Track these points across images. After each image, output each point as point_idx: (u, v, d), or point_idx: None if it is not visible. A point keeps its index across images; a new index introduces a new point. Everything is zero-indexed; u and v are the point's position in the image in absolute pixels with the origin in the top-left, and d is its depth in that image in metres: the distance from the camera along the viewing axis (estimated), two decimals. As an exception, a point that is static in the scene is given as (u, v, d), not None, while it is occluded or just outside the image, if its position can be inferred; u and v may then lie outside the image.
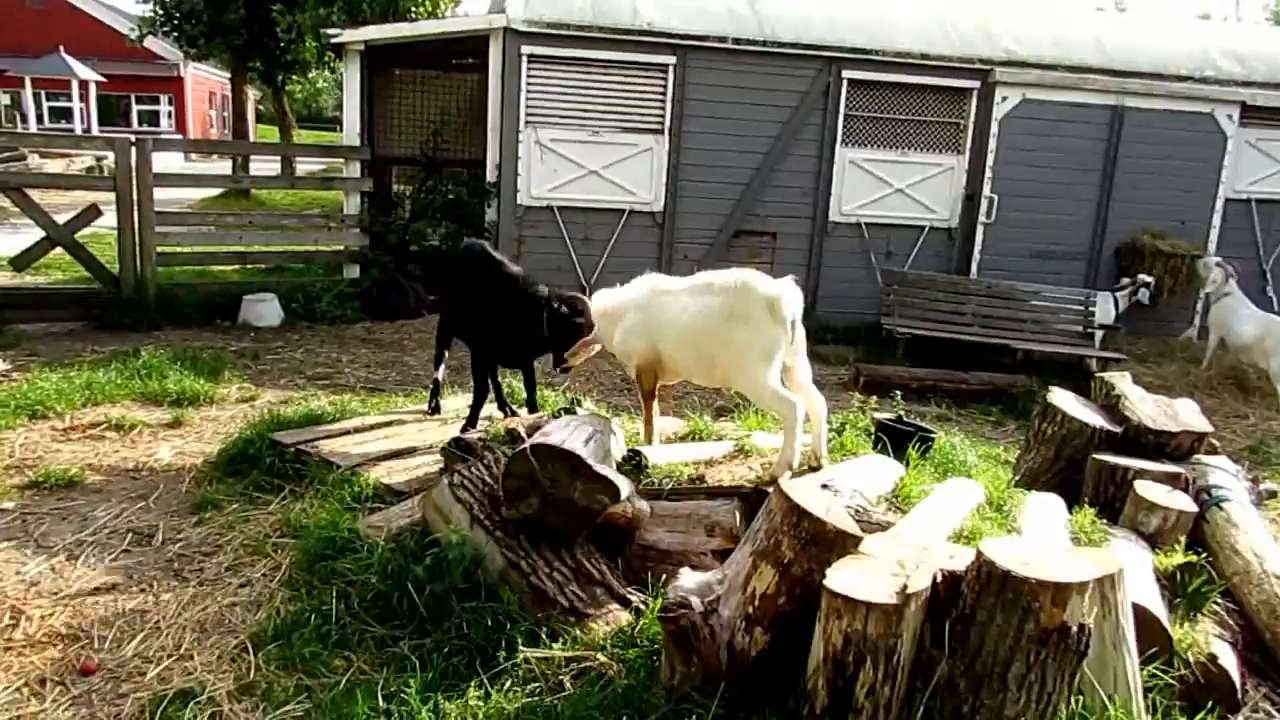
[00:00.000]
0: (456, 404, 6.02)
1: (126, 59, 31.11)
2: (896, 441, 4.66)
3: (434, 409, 5.82)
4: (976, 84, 10.74)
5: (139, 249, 9.13)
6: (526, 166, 10.31)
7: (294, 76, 25.69)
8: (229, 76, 26.42)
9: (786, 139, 10.64)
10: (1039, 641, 2.48)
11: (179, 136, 32.42)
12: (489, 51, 10.12)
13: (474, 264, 5.38)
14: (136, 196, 9.05)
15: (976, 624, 2.54)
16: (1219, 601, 3.45)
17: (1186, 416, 4.61)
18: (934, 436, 4.89)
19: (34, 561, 3.94)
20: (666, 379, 4.72)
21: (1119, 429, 4.52)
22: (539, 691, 2.92)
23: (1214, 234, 11.26)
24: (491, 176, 10.36)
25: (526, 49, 10.02)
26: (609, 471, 3.43)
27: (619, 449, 4.13)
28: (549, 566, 3.34)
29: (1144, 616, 2.96)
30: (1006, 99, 10.72)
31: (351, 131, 10.48)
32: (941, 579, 2.69)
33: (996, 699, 2.51)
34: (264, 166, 25.30)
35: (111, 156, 9.47)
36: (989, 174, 10.86)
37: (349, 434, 5.18)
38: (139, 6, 22.28)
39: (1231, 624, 3.41)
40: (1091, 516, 3.85)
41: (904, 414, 5.29)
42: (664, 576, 3.26)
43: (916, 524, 3.44)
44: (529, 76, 10.12)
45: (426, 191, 10.82)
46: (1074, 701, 2.59)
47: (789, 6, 10.78)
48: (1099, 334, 10.24)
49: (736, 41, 10.35)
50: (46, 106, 31.79)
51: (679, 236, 10.70)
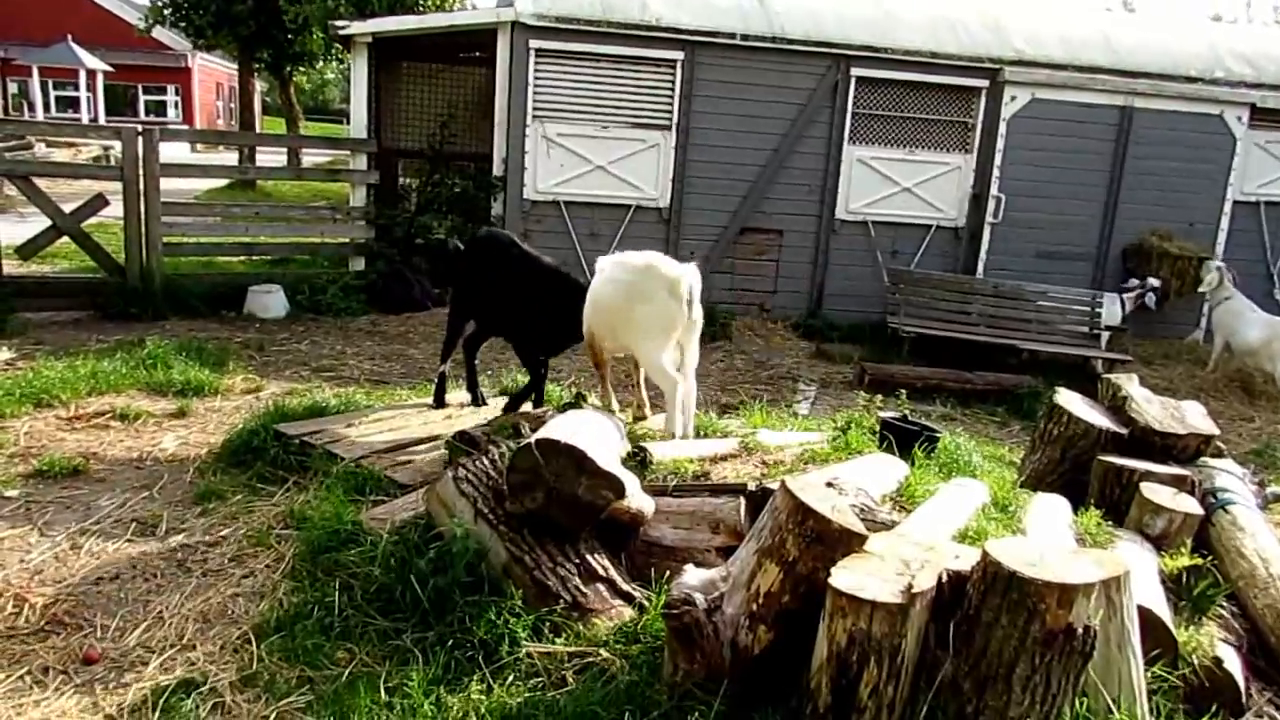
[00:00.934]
0: (461, 396, 6.01)
1: (134, 49, 31.14)
2: (901, 441, 4.65)
3: (439, 403, 5.81)
4: (985, 83, 10.72)
5: (145, 239, 9.14)
6: (533, 160, 10.30)
7: (301, 68, 25.71)
8: (236, 67, 26.44)
9: (794, 136, 10.63)
10: (1044, 643, 2.47)
11: (186, 127, 32.46)
12: (497, 45, 10.11)
13: (507, 255, 5.40)
14: (143, 186, 9.05)
15: (981, 624, 2.53)
16: (1224, 605, 3.43)
17: (1193, 419, 4.59)
18: (939, 436, 4.87)
19: (38, 550, 3.94)
20: (605, 353, 5.08)
21: (1125, 431, 4.50)
22: (541, 686, 2.92)
23: (1222, 236, 11.23)
24: (498, 170, 10.36)
25: (534, 43, 10.01)
26: (614, 467, 3.42)
27: (624, 445, 4.13)
28: (553, 561, 3.33)
29: (1149, 619, 2.94)
30: (1015, 98, 10.69)
31: (358, 124, 10.47)
32: (947, 579, 2.67)
33: (1000, 700, 2.50)
34: (270, 158, 25.32)
35: (118, 146, 9.48)
36: (997, 173, 10.83)
37: (353, 426, 5.18)
38: (147, -4, 22.26)
39: (1237, 627, 3.39)
40: (1097, 518, 3.83)
41: (909, 413, 5.27)
42: (668, 573, 3.26)
43: (921, 523, 3.42)
44: (537, 70, 10.11)
45: (433, 185, 10.82)
46: (1078, 703, 2.58)
47: (798, 3, 10.76)
48: (1105, 335, 10.22)
49: (745, 38, 10.33)
50: (54, 95, 31.82)
51: (685, 233, 10.69)
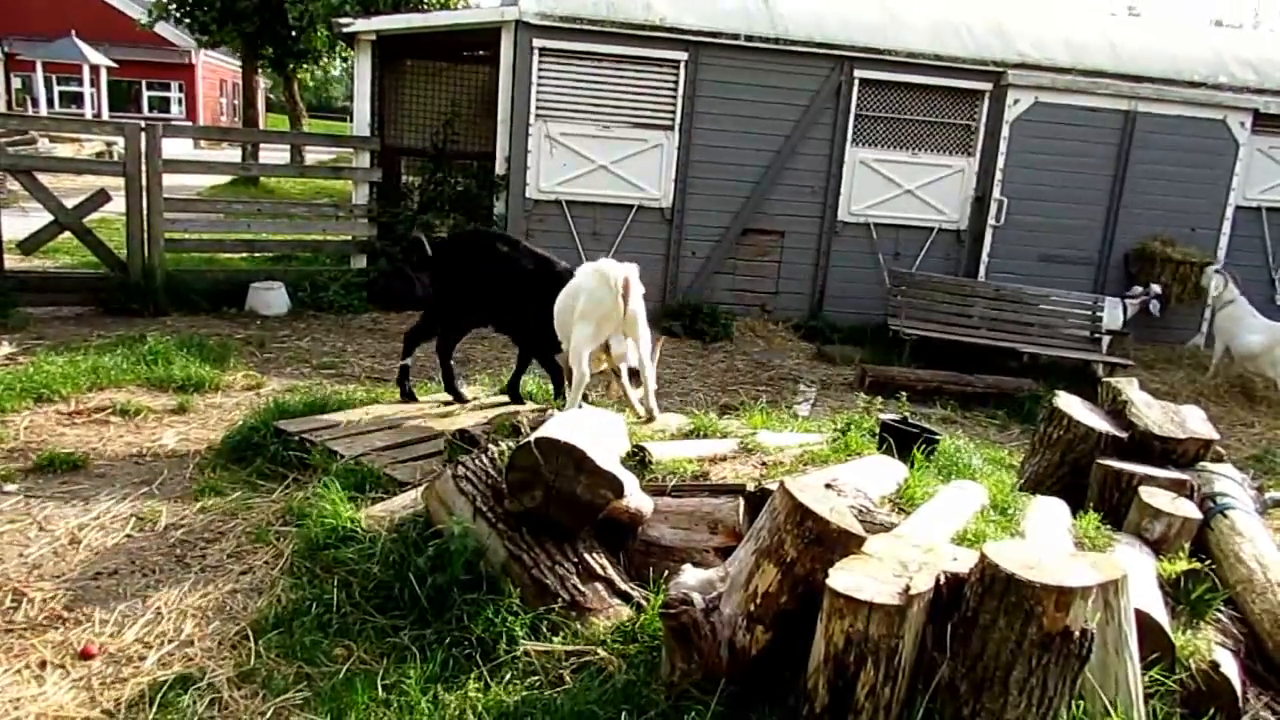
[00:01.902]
0: (469, 392, 6.02)
1: (138, 45, 31.15)
2: (901, 443, 4.65)
3: (408, 397, 5.86)
4: (989, 86, 10.71)
5: (147, 235, 9.14)
6: (536, 160, 10.30)
7: (305, 65, 25.70)
8: (240, 64, 26.45)
9: (797, 138, 10.63)
10: (1041, 646, 2.47)
11: (189, 123, 32.46)
12: (501, 44, 10.11)
13: (506, 253, 5.58)
14: (146, 182, 9.05)
15: (979, 627, 2.53)
16: (1222, 609, 3.43)
17: (1193, 423, 4.58)
18: (939, 438, 4.86)
19: (36, 544, 3.95)
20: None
21: (1125, 435, 4.50)
22: (539, 685, 2.92)
23: (1224, 241, 11.23)
24: (501, 169, 10.36)
25: (538, 42, 10.01)
26: (613, 466, 3.42)
27: (623, 444, 4.12)
28: (551, 560, 3.33)
29: (1147, 622, 2.94)
30: (1018, 102, 10.69)
31: (361, 121, 10.48)
32: (945, 581, 2.68)
33: (997, 702, 2.50)
34: (273, 155, 25.32)
35: (121, 141, 9.48)
36: (999, 176, 10.83)
37: (353, 424, 5.18)
38: (152, -8, 22.28)
39: (1234, 632, 3.39)
40: (1096, 521, 3.83)
41: (909, 415, 5.27)
42: (666, 573, 3.26)
43: (920, 525, 3.42)
44: (540, 70, 10.11)
45: (435, 183, 10.82)
46: (1075, 706, 2.58)
47: (802, 5, 10.77)
48: (1106, 339, 10.22)
49: (749, 39, 10.33)
50: (57, 91, 31.85)
51: (687, 233, 10.70)
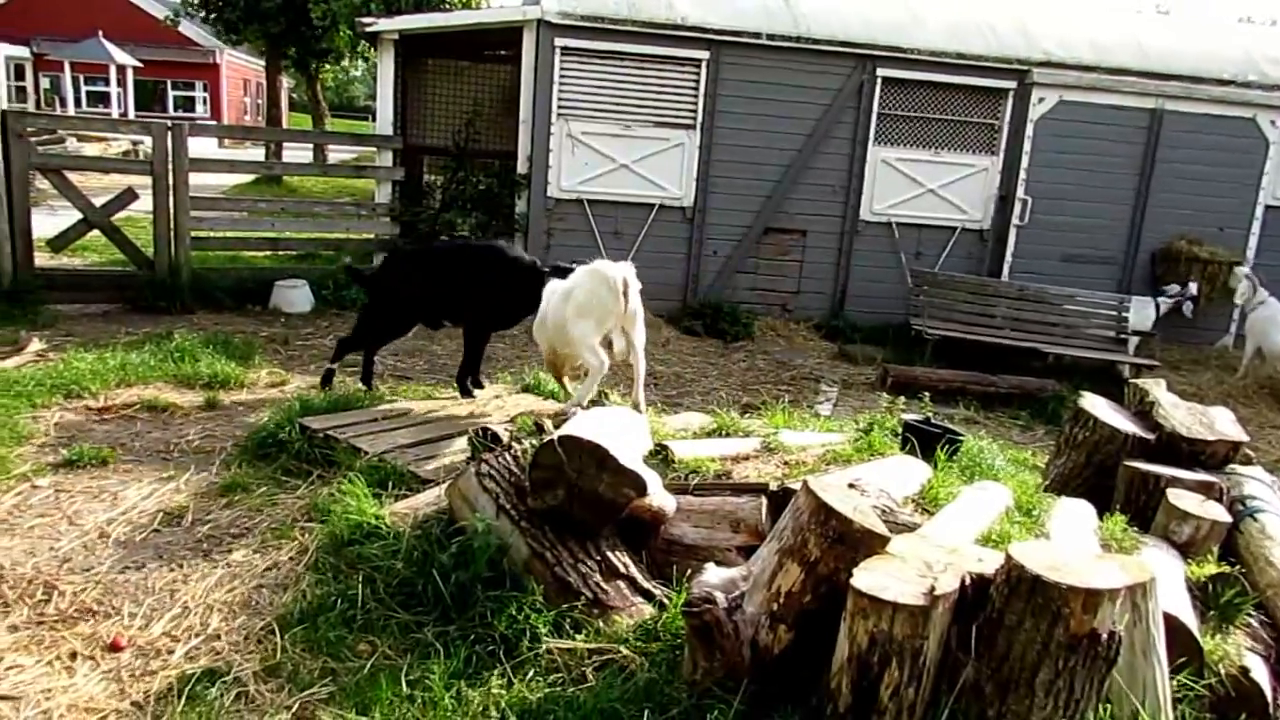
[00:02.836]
0: (487, 393, 6.05)
1: (164, 45, 31.50)
2: (924, 443, 4.63)
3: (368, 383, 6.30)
4: (1013, 85, 10.64)
5: (173, 233, 9.24)
6: (557, 159, 10.32)
7: (328, 65, 25.87)
8: (264, 64, 26.64)
9: (818, 136, 10.60)
10: (1068, 648, 2.45)
11: (214, 122, 32.75)
12: (523, 43, 10.14)
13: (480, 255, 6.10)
14: (172, 181, 9.14)
15: (1004, 628, 2.52)
16: (1251, 614, 3.39)
17: (1222, 425, 4.54)
18: (962, 439, 4.84)
19: (67, 538, 3.99)
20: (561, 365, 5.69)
21: (1152, 436, 4.47)
22: (561, 682, 2.93)
23: (1253, 241, 11.11)
24: (522, 168, 10.39)
25: (560, 41, 10.03)
26: (636, 465, 3.43)
27: (646, 443, 4.13)
28: (574, 558, 3.34)
29: (1175, 626, 2.92)
30: (1043, 100, 10.62)
31: (384, 120, 10.54)
32: (969, 581, 2.66)
33: (1023, 704, 2.49)
34: (296, 154, 25.49)
35: (148, 141, 9.59)
36: (1023, 176, 10.76)
37: (376, 421, 5.21)
38: (177, -8, 22.53)
39: (1264, 637, 3.35)
40: (1122, 524, 3.80)
41: (932, 415, 5.25)
42: (688, 571, 3.26)
43: (944, 526, 3.41)
44: (562, 69, 10.13)
45: (457, 182, 10.86)
46: (1102, 710, 2.57)
47: (824, 4, 10.74)
48: (1133, 340, 10.12)
49: (770, 38, 10.31)
50: (84, 90, 32.17)
51: (709, 232, 10.69)
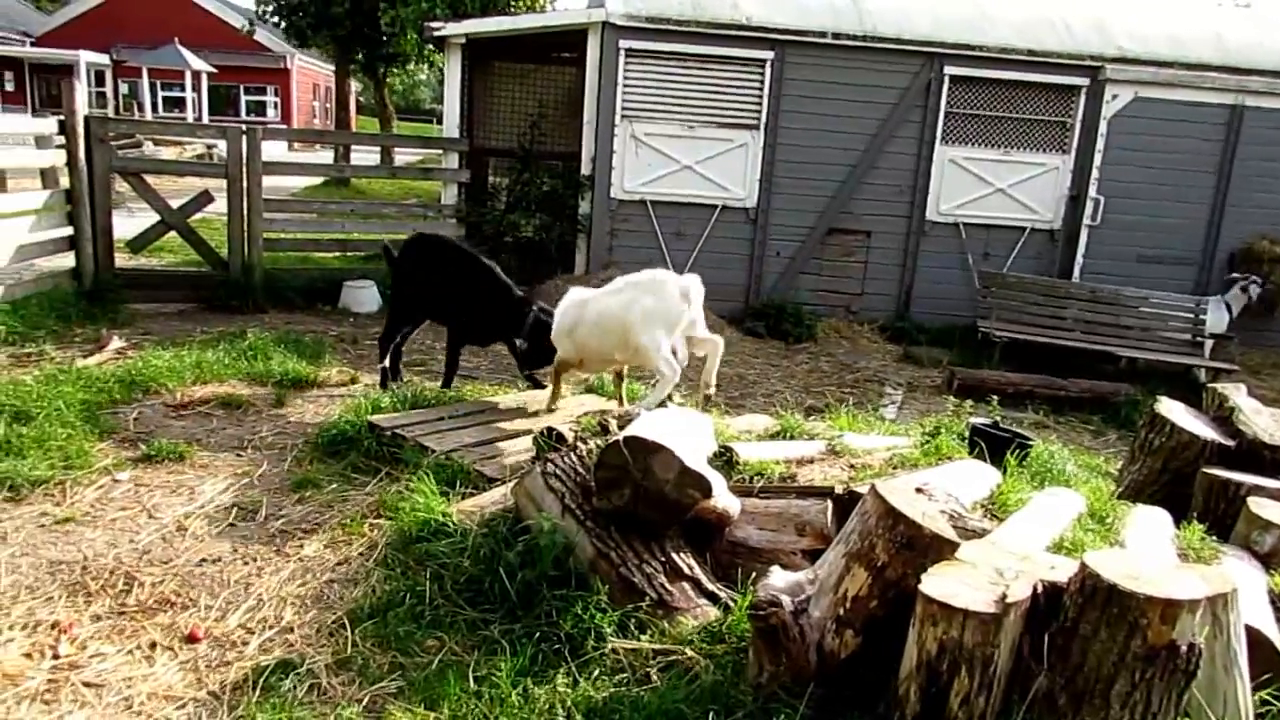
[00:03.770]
0: (542, 395, 6.09)
1: (236, 50, 32.36)
2: (993, 448, 4.55)
3: (385, 387, 6.44)
4: (1085, 81, 10.40)
5: (247, 234, 9.46)
6: (621, 160, 10.36)
7: (395, 69, 26.30)
8: (333, 68, 27.21)
9: (884, 136, 10.47)
10: (1145, 659, 2.39)
11: (284, 126, 33.52)
12: (587, 45, 10.19)
13: (441, 253, 6.40)
14: (246, 183, 9.37)
15: (1079, 638, 2.46)
16: (1338, 628, 3.27)
17: (1306, 432, 4.39)
18: (1032, 443, 4.75)
19: (146, 531, 4.12)
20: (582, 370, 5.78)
21: (1232, 443, 4.33)
22: (626, 682, 2.94)
23: (1338, 241, 10.70)
24: (586, 169, 10.44)
25: (624, 43, 10.06)
26: (701, 466, 3.43)
27: (711, 444, 4.13)
28: (638, 558, 3.35)
29: (1257, 639, 2.83)
30: (1117, 97, 10.36)
31: (451, 123, 10.67)
32: (1042, 589, 2.61)
33: (1098, 716, 2.43)
34: (364, 156, 25.96)
35: (222, 144, 9.84)
36: (1096, 174, 10.51)
37: (443, 420, 5.28)
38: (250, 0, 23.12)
39: (1351, 653, 3.23)
40: (1200, 533, 3.69)
41: (1000, 419, 5.16)
42: (753, 574, 3.25)
43: (1015, 532, 3.35)
44: (626, 70, 10.17)
45: (522, 184, 10.94)
46: (1180, 723, 2.50)
47: (891, 2, 10.60)
48: (1209, 343, 9.82)
49: (836, 36, 10.22)
50: (161, 96, 33.21)
51: (772, 233, 10.63)
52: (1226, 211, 10.63)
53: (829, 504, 3.56)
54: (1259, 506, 3.74)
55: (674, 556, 3.39)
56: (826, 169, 10.51)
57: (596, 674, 2.97)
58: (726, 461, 4.08)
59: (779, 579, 2.95)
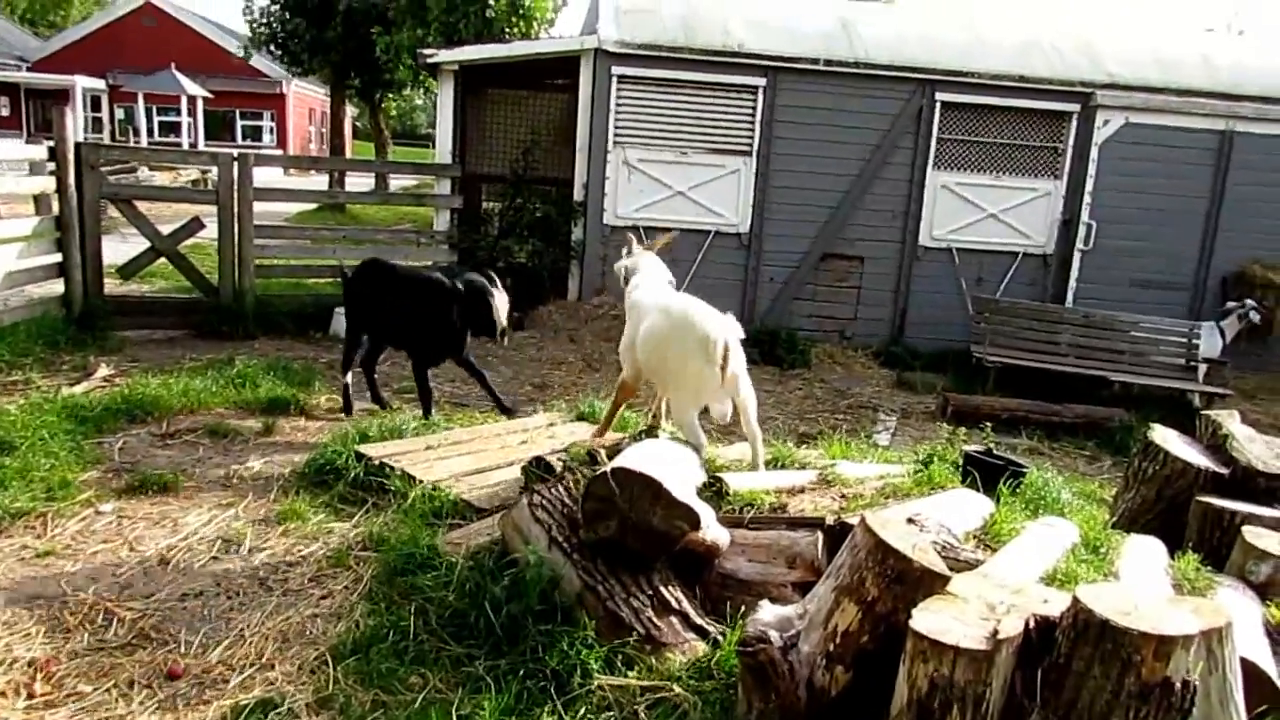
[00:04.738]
0: (540, 421, 6.05)
1: (233, 76, 32.47)
2: (986, 475, 4.50)
3: (348, 411, 6.62)
4: (1076, 107, 10.46)
5: (238, 260, 9.44)
6: (614, 186, 10.37)
7: (390, 95, 26.42)
8: (328, 93, 27.31)
9: (877, 162, 10.51)
10: (1139, 696, 2.34)
11: (279, 152, 33.59)
12: (580, 72, 10.23)
13: (388, 276, 6.52)
14: (237, 209, 9.36)
15: (1072, 674, 2.41)
16: (1336, 661, 3.22)
17: (1301, 459, 4.35)
18: (1026, 471, 4.70)
19: (127, 565, 4.06)
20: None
21: (1226, 470, 4.30)
22: (613, 720, 2.88)
23: (1331, 265, 10.72)
24: (579, 195, 10.45)
25: (617, 69, 10.10)
26: (689, 497, 3.38)
27: (700, 475, 4.08)
28: (626, 592, 3.29)
29: (1253, 673, 2.78)
30: (1108, 123, 10.41)
31: (443, 149, 10.70)
32: (1034, 624, 2.56)
33: (1093, 755, 2.38)
34: (359, 181, 26.00)
35: (215, 170, 9.83)
36: (1088, 199, 10.55)
37: (431, 449, 5.23)
38: (246, 26, 23.23)
39: (1350, 685, 3.18)
40: (1195, 563, 3.65)
41: (994, 446, 5.11)
42: (742, 608, 3.20)
43: (1007, 564, 3.30)
44: (618, 97, 10.20)
45: (515, 209, 10.95)
46: (1177, 762, 2.44)
47: (883, 28, 10.68)
48: (1203, 368, 9.81)
49: (828, 63, 10.27)
50: (157, 121, 33.29)
51: (765, 259, 10.64)
52: (1219, 236, 10.66)
53: (820, 535, 3.51)
54: (1254, 536, 3.69)
55: (662, 590, 3.34)
56: (820, 194, 10.53)
57: (583, 712, 2.91)
58: (716, 492, 4.03)
59: (768, 613, 2.90)
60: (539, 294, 10.46)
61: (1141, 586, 3.35)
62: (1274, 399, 10.00)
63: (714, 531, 3.46)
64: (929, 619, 2.54)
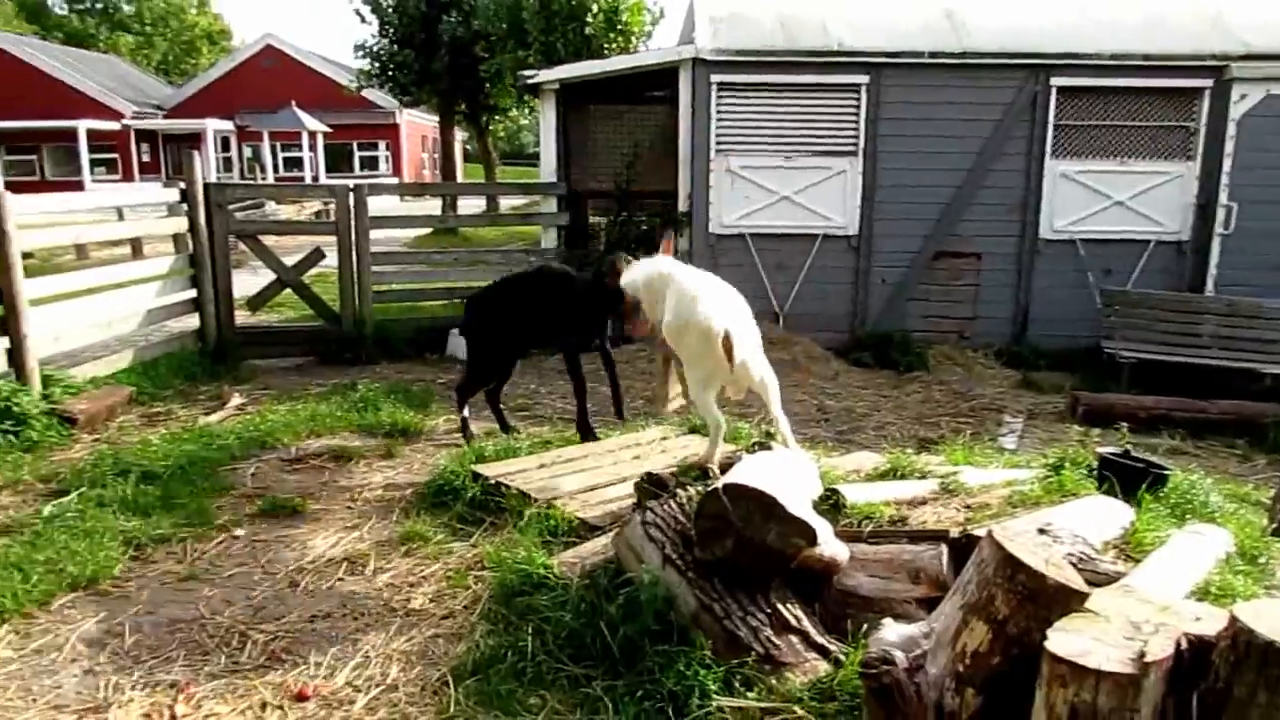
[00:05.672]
0: (653, 435, 6.02)
1: (349, 109, 33.80)
2: (1124, 480, 4.25)
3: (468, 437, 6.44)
4: (1209, 82, 9.86)
5: (357, 287, 9.76)
6: (718, 195, 10.30)
7: (496, 117, 27.01)
8: (438, 120, 28.11)
9: (989, 154, 10.14)
10: (1314, 727, 2.14)
11: (394, 180, 34.76)
12: (679, 82, 10.21)
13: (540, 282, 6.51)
14: (355, 239, 9.68)
15: (1234, 701, 2.22)
16: None
17: None
18: (1168, 473, 4.42)
19: (260, 588, 4.20)
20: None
21: (1397, 468, 3.95)
22: (734, 744, 2.81)
23: None
24: (684, 206, 10.42)
25: (716, 77, 10.04)
26: (804, 512, 3.28)
27: (816, 487, 3.97)
28: (743, 611, 3.22)
29: None
30: (1245, 96, 9.78)
31: (548, 168, 10.82)
32: (1186, 645, 2.37)
33: (1258, 789, 2.18)
34: (472, 203, 26.64)
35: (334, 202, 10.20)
36: (1225, 180, 9.92)
37: (545, 467, 5.26)
38: (358, 62, 24.12)
39: None
40: (1369, 572, 3.35)
41: (1131, 448, 4.82)
42: (864, 625, 3.08)
43: (1152, 577, 3.09)
44: (719, 104, 10.14)
45: (620, 223, 10.99)
46: (1356, 797, 2.22)
47: (989, 17, 10.31)
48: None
49: (933, 56, 9.98)
50: (281, 157, 34.94)
51: (876, 260, 10.39)
52: (1374, 212, 9.88)
53: (944, 549, 3.36)
54: None
55: (780, 608, 3.24)
56: (930, 191, 10.23)
57: (703, 735, 2.85)
58: (833, 505, 3.91)
59: (891, 632, 2.78)
60: (648, 307, 10.46)
61: (1306, 599, 3.09)
62: None
63: (831, 547, 3.35)
64: (1067, 640, 2.37)
